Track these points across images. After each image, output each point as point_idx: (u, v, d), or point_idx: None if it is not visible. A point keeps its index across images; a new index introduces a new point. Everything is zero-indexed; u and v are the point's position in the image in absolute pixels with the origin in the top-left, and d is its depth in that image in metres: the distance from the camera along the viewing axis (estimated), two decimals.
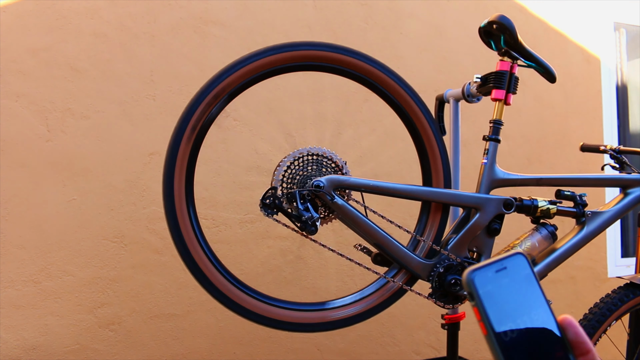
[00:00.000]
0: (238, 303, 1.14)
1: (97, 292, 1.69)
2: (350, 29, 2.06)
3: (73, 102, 1.69)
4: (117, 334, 1.71)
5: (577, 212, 1.29)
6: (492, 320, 0.39)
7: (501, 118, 1.26)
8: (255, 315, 1.14)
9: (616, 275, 2.44)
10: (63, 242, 1.66)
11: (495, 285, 0.40)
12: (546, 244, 1.27)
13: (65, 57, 1.69)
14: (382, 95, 1.23)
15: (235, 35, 1.89)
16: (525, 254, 0.40)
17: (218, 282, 1.14)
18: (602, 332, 1.27)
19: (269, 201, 1.13)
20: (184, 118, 1.14)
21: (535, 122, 2.41)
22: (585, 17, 2.55)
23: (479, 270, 0.41)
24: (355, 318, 1.17)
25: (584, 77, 2.53)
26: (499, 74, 1.26)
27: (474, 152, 2.18)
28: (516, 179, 1.28)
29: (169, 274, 1.76)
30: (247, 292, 1.15)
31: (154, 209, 1.73)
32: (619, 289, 1.33)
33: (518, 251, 0.41)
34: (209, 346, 1.81)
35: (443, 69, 2.21)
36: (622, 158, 1.45)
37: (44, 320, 1.63)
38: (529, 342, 0.39)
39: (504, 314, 0.39)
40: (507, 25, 1.22)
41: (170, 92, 1.79)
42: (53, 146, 1.67)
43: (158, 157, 1.76)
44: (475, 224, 1.20)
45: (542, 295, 0.41)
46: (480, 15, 2.21)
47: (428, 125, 1.23)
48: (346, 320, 1.17)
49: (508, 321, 0.39)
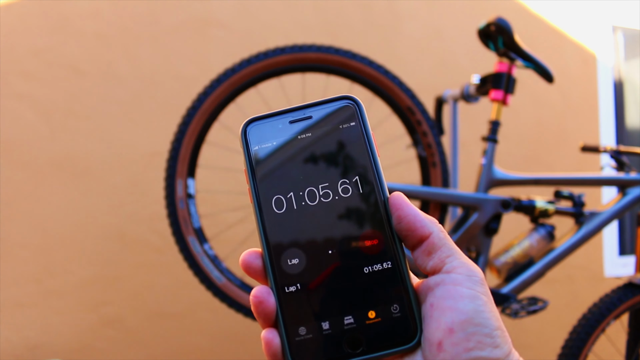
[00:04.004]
0: (239, 302, 1.15)
1: (98, 291, 1.70)
2: (349, 30, 2.07)
3: (75, 103, 1.71)
4: (119, 333, 1.72)
5: (575, 212, 1.30)
6: (258, 186, 0.30)
7: (499, 118, 1.28)
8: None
9: (614, 275, 2.45)
10: (65, 241, 1.67)
11: (284, 140, 0.31)
12: (544, 244, 1.28)
13: (67, 58, 1.71)
14: (381, 96, 1.24)
15: (236, 36, 1.90)
16: (355, 98, 0.31)
17: (219, 282, 1.15)
18: (601, 332, 1.28)
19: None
20: (186, 118, 1.15)
21: (533, 123, 2.42)
22: (583, 19, 2.56)
23: (262, 120, 0.32)
24: None
25: (582, 77, 2.54)
26: (497, 75, 1.27)
27: (472, 152, 2.19)
28: (514, 179, 1.29)
29: (171, 273, 1.77)
30: (248, 292, 1.16)
31: (155, 209, 1.74)
32: (618, 288, 1.34)
33: (346, 94, 0.32)
34: (210, 345, 1.82)
35: (442, 69, 2.22)
36: (622, 158, 1.46)
37: (45, 319, 1.65)
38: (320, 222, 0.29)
39: (285, 180, 0.30)
40: (505, 27, 1.23)
41: (171, 93, 1.80)
42: (55, 146, 1.68)
43: (160, 158, 1.77)
44: (473, 224, 1.21)
45: (371, 158, 0.31)
46: (479, 17, 2.21)
47: (427, 126, 1.24)
48: None
49: (289, 189, 0.30)
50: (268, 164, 0.30)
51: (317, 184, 0.30)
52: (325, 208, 0.29)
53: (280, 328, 0.29)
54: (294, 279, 0.29)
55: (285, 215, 0.29)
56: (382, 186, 0.31)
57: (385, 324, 0.29)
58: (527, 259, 1.26)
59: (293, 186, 0.30)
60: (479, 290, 0.29)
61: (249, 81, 1.17)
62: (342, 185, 0.30)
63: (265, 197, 0.30)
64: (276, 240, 0.29)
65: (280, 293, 0.29)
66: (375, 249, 0.29)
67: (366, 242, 0.29)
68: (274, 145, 0.30)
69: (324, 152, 0.30)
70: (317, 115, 0.31)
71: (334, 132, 0.30)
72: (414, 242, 0.31)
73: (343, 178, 0.30)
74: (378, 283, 0.29)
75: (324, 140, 0.30)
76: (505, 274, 1.26)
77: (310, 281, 0.29)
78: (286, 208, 0.29)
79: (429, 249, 0.30)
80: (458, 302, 0.28)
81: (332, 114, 0.31)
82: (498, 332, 0.28)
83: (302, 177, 0.30)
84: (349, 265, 0.29)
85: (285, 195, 0.30)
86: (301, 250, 0.29)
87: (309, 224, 0.29)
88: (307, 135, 0.30)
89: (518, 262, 1.25)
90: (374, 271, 0.29)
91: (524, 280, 1.23)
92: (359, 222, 0.29)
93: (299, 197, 0.30)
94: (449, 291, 0.29)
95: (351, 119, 0.31)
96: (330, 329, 0.29)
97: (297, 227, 0.29)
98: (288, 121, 0.31)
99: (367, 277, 0.29)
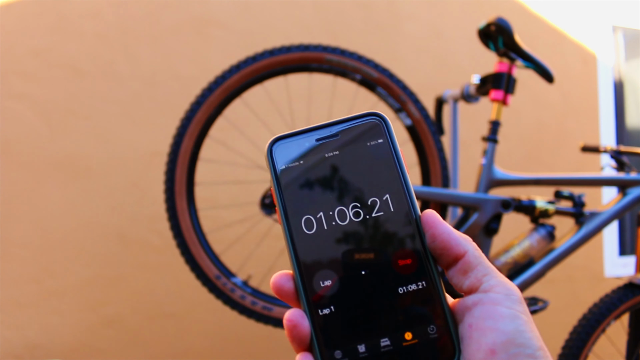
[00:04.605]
0: (239, 302, 1.15)
1: (98, 291, 1.70)
2: (349, 30, 2.07)
3: (75, 103, 1.71)
4: (119, 333, 1.72)
5: (575, 212, 1.30)
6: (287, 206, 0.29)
7: (500, 118, 1.27)
8: (256, 313, 1.15)
9: (614, 275, 2.45)
10: (65, 241, 1.67)
11: (312, 159, 0.30)
12: (544, 244, 1.27)
13: (67, 58, 1.71)
14: (381, 96, 1.24)
15: (236, 36, 1.90)
16: (382, 115, 0.31)
17: (219, 281, 1.15)
18: (601, 332, 1.28)
19: (268, 201, 1.14)
20: (187, 118, 1.15)
21: (533, 123, 2.42)
22: (584, 19, 2.56)
23: (288, 139, 0.30)
24: None
25: (582, 77, 2.54)
26: (497, 75, 1.27)
27: (472, 152, 2.19)
28: (514, 179, 1.29)
29: (171, 273, 1.77)
30: (248, 291, 1.16)
31: (155, 209, 1.74)
32: (618, 288, 1.34)
33: (372, 111, 0.31)
34: (210, 345, 1.82)
35: (442, 69, 2.22)
36: (622, 158, 1.45)
37: (45, 319, 1.65)
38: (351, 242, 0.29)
39: (314, 200, 0.29)
40: (505, 27, 1.23)
41: (171, 93, 1.80)
42: (55, 147, 1.68)
43: (159, 158, 1.77)
44: (473, 224, 1.21)
45: (400, 176, 0.30)
46: (479, 16, 2.21)
47: (426, 126, 1.24)
48: None
49: (318, 209, 0.29)
50: (296, 183, 0.30)
51: (347, 203, 0.29)
52: (357, 227, 0.29)
53: (315, 352, 0.28)
54: (327, 301, 0.28)
55: (316, 235, 0.29)
56: (414, 204, 0.30)
57: (423, 345, 0.28)
58: (528, 259, 1.26)
59: (322, 206, 0.29)
60: (518, 310, 0.29)
61: (253, 80, 1.18)
62: (372, 203, 0.29)
63: (294, 218, 0.29)
64: (308, 262, 0.29)
65: (314, 316, 0.28)
66: (409, 268, 0.29)
67: (399, 261, 0.29)
68: (301, 164, 0.30)
69: (352, 170, 0.30)
70: (344, 132, 0.30)
71: (362, 149, 0.30)
72: (448, 260, 0.30)
73: (373, 196, 0.29)
74: (413, 303, 0.29)
75: (352, 158, 0.30)
76: (505, 274, 1.25)
77: (344, 303, 0.28)
78: (316, 228, 0.29)
79: (465, 268, 0.30)
80: (498, 322, 0.28)
81: (359, 131, 0.30)
82: (540, 352, 0.28)
83: (332, 196, 0.29)
84: (383, 286, 0.29)
85: (315, 215, 0.29)
86: (333, 271, 0.29)
87: (340, 244, 0.29)
88: (334, 153, 0.30)
89: (518, 262, 1.25)
90: (408, 291, 0.29)
91: (524, 281, 1.23)
92: (391, 241, 0.29)
93: (329, 216, 0.29)
94: (488, 311, 0.28)
95: (379, 135, 0.30)
96: (366, 352, 0.28)
97: (328, 248, 0.29)
98: (314, 139, 0.30)
99: (402, 298, 0.29)
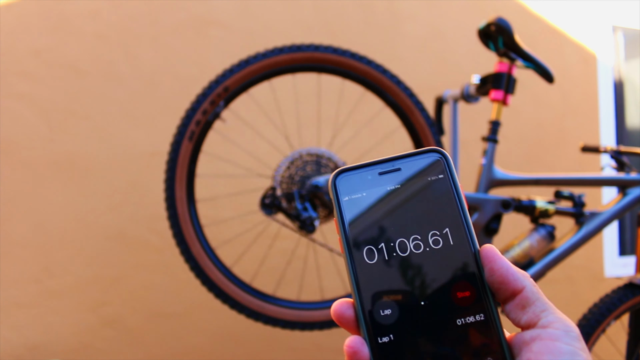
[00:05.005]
0: (239, 302, 1.15)
1: (98, 291, 1.70)
2: (349, 30, 2.07)
3: (75, 103, 1.71)
4: (119, 333, 1.72)
5: (575, 212, 1.30)
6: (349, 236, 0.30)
7: (500, 118, 1.27)
8: (256, 313, 1.15)
9: (614, 275, 2.45)
10: (65, 241, 1.67)
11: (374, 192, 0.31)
12: (544, 244, 1.27)
13: (67, 58, 1.71)
14: (380, 96, 1.24)
15: (236, 36, 1.90)
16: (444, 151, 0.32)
17: (220, 281, 1.15)
18: (601, 332, 1.28)
19: (268, 201, 1.14)
20: (186, 118, 1.15)
21: (533, 123, 2.41)
22: (584, 19, 2.56)
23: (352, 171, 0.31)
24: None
25: (582, 77, 2.54)
26: (497, 75, 1.27)
27: (472, 152, 2.19)
28: (514, 179, 1.29)
29: (170, 273, 1.77)
30: (248, 291, 1.16)
31: (155, 209, 1.74)
32: (619, 288, 1.34)
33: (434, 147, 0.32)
34: (210, 345, 1.82)
35: (442, 69, 2.22)
36: (622, 158, 1.45)
37: (45, 319, 1.64)
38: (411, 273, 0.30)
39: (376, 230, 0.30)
40: (505, 27, 1.23)
41: (171, 93, 1.80)
42: (55, 147, 1.68)
43: (159, 158, 1.77)
44: (473, 224, 1.21)
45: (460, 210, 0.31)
46: (479, 16, 2.21)
47: (426, 126, 1.24)
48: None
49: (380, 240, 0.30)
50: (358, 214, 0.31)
51: (408, 235, 0.30)
52: (417, 259, 0.30)
53: None
54: (387, 330, 0.29)
55: (377, 265, 0.30)
56: (473, 238, 0.31)
57: None
58: (528, 259, 1.26)
59: (384, 237, 0.30)
60: (577, 347, 0.29)
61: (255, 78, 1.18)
62: (432, 236, 0.30)
63: (356, 248, 0.30)
64: (368, 291, 0.30)
65: (374, 343, 0.29)
66: (467, 301, 0.30)
67: (458, 293, 0.30)
68: (364, 196, 0.31)
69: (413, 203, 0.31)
70: (406, 167, 0.31)
71: (423, 183, 0.31)
72: (506, 295, 0.31)
73: (433, 229, 0.30)
74: (471, 335, 0.29)
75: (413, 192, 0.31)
76: None
77: (403, 332, 0.29)
78: (377, 259, 0.30)
79: (523, 303, 0.30)
80: (558, 359, 0.28)
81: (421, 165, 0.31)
82: None
83: (393, 228, 0.30)
84: (442, 317, 0.29)
85: (376, 246, 0.30)
86: (393, 300, 0.29)
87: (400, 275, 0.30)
88: (396, 187, 0.31)
89: (518, 262, 1.25)
90: (466, 323, 0.29)
91: None
92: (450, 273, 0.30)
93: (390, 248, 0.30)
94: (547, 347, 0.29)
95: (440, 171, 0.31)
96: None
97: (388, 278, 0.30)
98: (377, 173, 0.31)
99: (460, 329, 0.29)
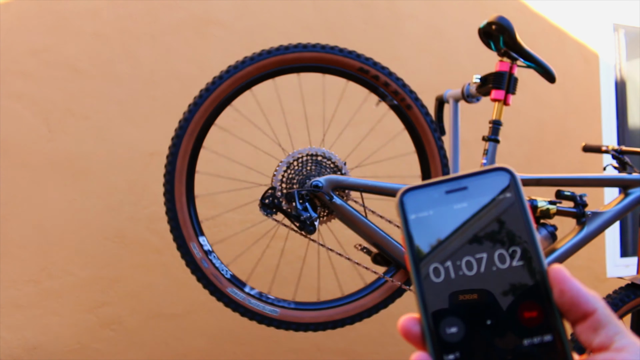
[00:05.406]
0: (238, 302, 1.15)
1: (97, 291, 1.70)
2: (350, 29, 2.06)
3: (74, 103, 1.70)
4: (118, 334, 1.71)
5: (577, 212, 1.29)
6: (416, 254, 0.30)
7: (500, 118, 1.27)
8: (255, 314, 1.15)
9: (616, 275, 2.44)
10: (64, 242, 1.67)
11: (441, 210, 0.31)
12: (546, 244, 1.26)
13: (66, 58, 1.70)
14: (380, 96, 1.23)
15: (236, 35, 1.89)
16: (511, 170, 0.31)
17: (219, 282, 1.14)
18: None
19: (268, 201, 1.13)
20: (186, 117, 1.14)
21: (534, 122, 2.41)
22: (585, 18, 2.55)
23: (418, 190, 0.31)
24: (355, 317, 1.18)
25: (583, 76, 2.53)
26: (498, 74, 1.26)
27: (473, 152, 2.18)
28: None
29: (170, 273, 1.76)
30: (248, 292, 1.16)
31: (154, 209, 1.74)
32: (620, 289, 1.33)
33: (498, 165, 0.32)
34: (209, 346, 1.81)
35: (442, 69, 2.21)
36: (624, 158, 1.44)
37: (44, 319, 1.64)
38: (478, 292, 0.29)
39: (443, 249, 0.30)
40: (506, 26, 1.22)
41: (170, 93, 1.79)
42: (54, 146, 1.67)
43: (158, 158, 1.76)
44: None
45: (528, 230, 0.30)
46: (480, 16, 2.21)
47: (427, 126, 1.23)
48: (345, 320, 1.17)
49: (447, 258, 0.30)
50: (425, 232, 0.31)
51: (475, 254, 0.30)
52: (483, 278, 0.30)
53: None
54: (453, 348, 0.29)
55: (444, 284, 0.30)
56: (540, 258, 0.30)
57: None
58: None
59: (451, 256, 0.30)
60: None
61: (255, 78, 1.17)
62: (499, 256, 0.30)
63: (423, 266, 0.30)
64: (435, 309, 0.30)
65: None
66: (535, 321, 0.29)
67: (525, 313, 0.29)
68: (431, 215, 0.31)
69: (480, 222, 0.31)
70: (473, 185, 0.31)
71: (490, 202, 0.31)
72: (576, 317, 0.30)
73: (500, 249, 0.30)
74: (539, 356, 0.29)
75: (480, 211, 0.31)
76: None
77: (469, 350, 0.29)
78: (444, 277, 0.30)
79: (595, 326, 0.30)
80: None
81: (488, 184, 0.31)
82: None
83: (460, 247, 0.30)
84: (509, 336, 0.29)
85: (443, 264, 0.30)
86: (460, 319, 0.29)
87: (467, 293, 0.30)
88: (463, 206, 0.31)
89: None
90: (534, 344, 0.29)
91: None
92: (518, 293, 0.30)
93: (457, 266, 0.30)
94: None
95: (507, 190, 0.31)
96: None
97: (455, 296, 0.30)
98: (444, 191, 0.31)
99: (528, 350, 0.29)
